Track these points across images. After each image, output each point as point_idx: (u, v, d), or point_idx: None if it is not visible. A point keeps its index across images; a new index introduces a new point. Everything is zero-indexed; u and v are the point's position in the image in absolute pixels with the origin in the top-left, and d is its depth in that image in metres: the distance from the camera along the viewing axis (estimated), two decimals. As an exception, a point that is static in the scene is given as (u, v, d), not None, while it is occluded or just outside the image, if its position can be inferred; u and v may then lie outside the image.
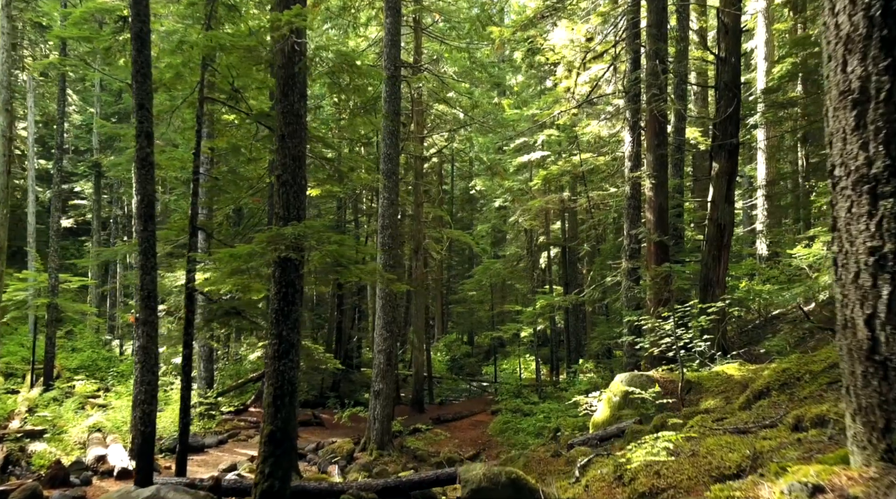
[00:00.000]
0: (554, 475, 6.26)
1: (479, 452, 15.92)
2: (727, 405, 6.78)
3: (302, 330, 24.31)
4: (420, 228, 21.20)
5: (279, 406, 6.66)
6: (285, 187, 6.89)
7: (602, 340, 18.49)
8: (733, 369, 8.39)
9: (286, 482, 6.51)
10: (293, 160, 6.95)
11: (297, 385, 6.84)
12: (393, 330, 14.26)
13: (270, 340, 6.84)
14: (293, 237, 6.44)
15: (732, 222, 12.37)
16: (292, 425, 6.76)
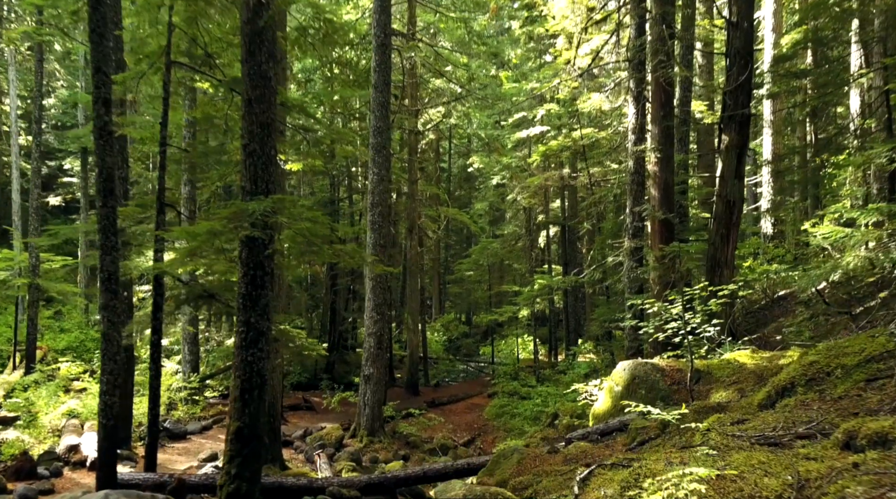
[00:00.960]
0: (549, 477, 5.64)
1: (473, 437, 15.40)
2: (741, 399, 6.14)
3: (296, 311, 23.58)
4: (414, 206, 20.48)
5: (247, 401, 6.02)
6: (252, 158, 6.17)
7: (602, 323, 17.88)
8: (745, 357, 7.75)
9: (254, 484, 5.90)
10: (261, 128, 6.22)
11: (267, 377, 6.20)
12: (384, 312, 13.63)
13: (238, 328, 6.18)
14: (259, 214, 5.75)
15: (742, 199, 11.67)
16: (262, 422, 6.13)
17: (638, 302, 8.31)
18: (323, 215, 6.23)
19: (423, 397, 19.76)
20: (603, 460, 5.91)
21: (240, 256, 6.20)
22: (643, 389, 7.61)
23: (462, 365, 28.87)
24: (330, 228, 6.09)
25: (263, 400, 6.16)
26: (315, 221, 5.94)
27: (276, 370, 10.51)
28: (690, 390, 6.82)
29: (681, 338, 7.97)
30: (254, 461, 5.98)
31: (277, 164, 6.30)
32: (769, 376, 6.77)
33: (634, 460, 3.89)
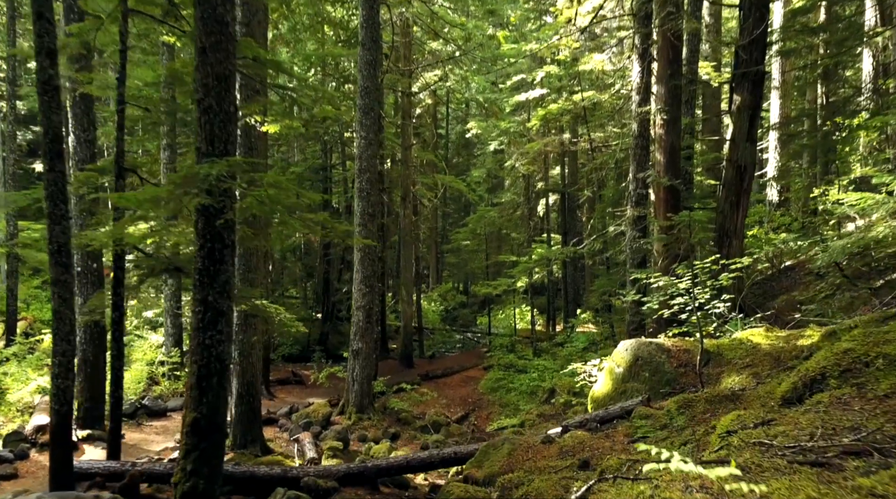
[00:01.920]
0: (543, 476, 5.02)
1: (467, 413, 14.88)
2: (759, 387, 5.49)
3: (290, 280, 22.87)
4: (409, 173, 19.67)
5: (205, 389, 5.37)
6: (207, 115, 5.41)
7: (602, 294, 17.25)
8: (759, 336, 7.10)
9: (214, 482, 5.28)
10: (217, 80, 5.44)
11: (228, 362, 5.53)
12: (373, 285, 12.97)
13: (194, 308, 5.50)
14: (214, 178, 5.01)
15: (754, 164, 10.90)
16: (223, 412, 5.49)
17: (642, 276, 7.63)
18: (289, 181, 5.49)
19: (418, 370, 19.24)
20: (603, 455, 5.29)
21: (195, 227, 5.48)
22: (647, 371, 6.98)
23: (459, 336, 28.38)
24: (297, 195, 5.36)
25: (224, 388, 5.51)
26: (279, 187, 5.22)
27: (254, 347, 9.89)
28: (700, 374, 6.18)
29: (688, 314, 7.32)
30: (213, 456, 5.35)
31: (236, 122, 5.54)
32: (787, 359, 6.12)
33: (642, 477, 3.23)
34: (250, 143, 9.79)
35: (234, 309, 5.69)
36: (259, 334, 9.42)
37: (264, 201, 5.14)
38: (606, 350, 14.61)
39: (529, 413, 12.80)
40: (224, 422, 5.54)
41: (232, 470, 6.94)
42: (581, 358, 14.64)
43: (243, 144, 9.77)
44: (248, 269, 9.77)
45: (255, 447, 9.83)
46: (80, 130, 10.25)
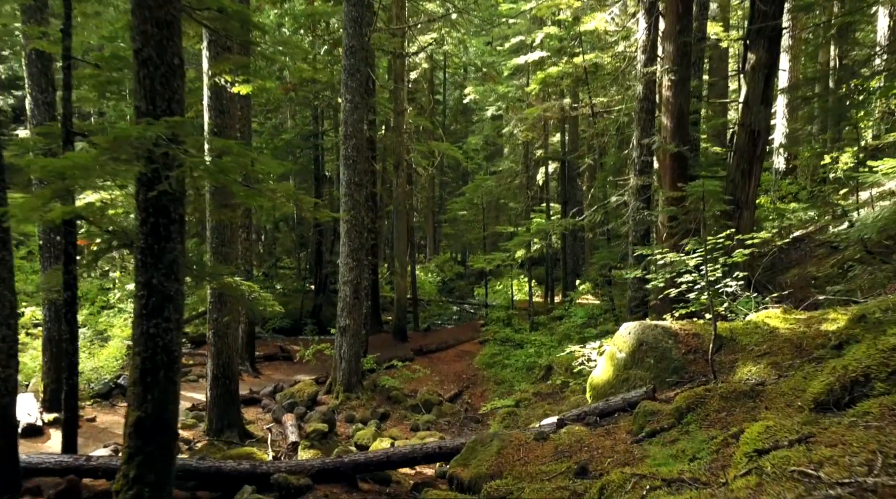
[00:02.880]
0: (535, 484, 4.39)
1: (461, 390, 14.32)
2: (781, 381, 4.83)
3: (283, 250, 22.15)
4: (401, 139, 18.81)
5: (150, 384, 4.71)
6: (146, 68, 4.63)
7: (602, 268, 16.56)
8: (776, 319, 6.42)
9: (162, 490, 4.65)
10: (158, 27, 4.65)
11: (178, 353, 4.86)
12: (360, 258, 12.27)
13: (137, 292, 4.80)
14: (151, 142, 4.27)
15: (768, 128, 10.13)
16: (172, 410, 4.84)
17: (647, 252, 6.93)
18: (242, 146, 4.74)
19: (412, 344, 18.67)
20: (603, 457, 4.66)
21: (136, 199, 4.75)
22: (652, 358, 6.32)
23: (455, 307, 27.82)
24: (251, 162, 4.62)
25: (174, 382, 4.84)
26: (230, 153, 4.47)
27: (230, 326, 9.24)
28: (712, 363, 5.51)
29: (696, 294, 6.64)
30: (160, 461, 4.72)
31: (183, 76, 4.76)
32: (811, 347, 5.45)
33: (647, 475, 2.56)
34: (221, 105, 8.99)
35: (183, 293, 4.99)
36: (235, 313, 8.75)
37: (211, 170, 4.39)
38: (606, 325, 14.00)
39: (525, 392, 12.23)
40: (174, 420, 4.90)
41: (196, 465, 6.35)
42: (579, 334, 14.04)
43: (214, 106, 8.98)
44: (222, 242, 9.06)
45: (232, 432, 9.25)
46: (37, 92, 9.44)
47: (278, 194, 5.06)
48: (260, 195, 4.93)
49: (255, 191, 4.87)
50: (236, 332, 9.44)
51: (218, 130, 9.01)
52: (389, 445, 8.45)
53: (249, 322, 14.34)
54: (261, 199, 5.08)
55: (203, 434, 9.30)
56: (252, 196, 4.92)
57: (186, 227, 5.23)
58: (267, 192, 4.99)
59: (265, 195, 5.00)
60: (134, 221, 6.17)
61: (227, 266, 8.13)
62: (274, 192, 5.03)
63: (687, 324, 6.63)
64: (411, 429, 11.45)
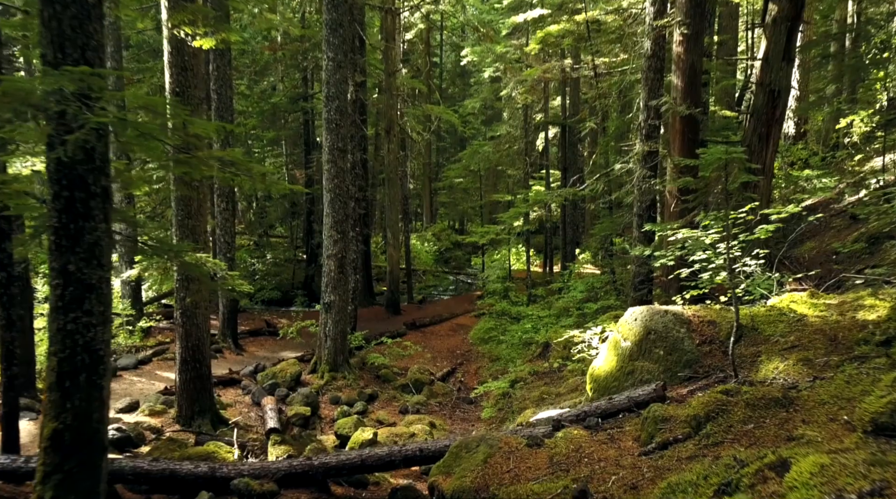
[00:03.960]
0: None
1: (454, 368, 13.67)
2: (818, 385, 4.08)
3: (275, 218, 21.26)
4: (393, 102, 17.82)
5: (69, 390, 3.96)
6: (53, 6, 3.76)
7: (603, 240, 15.77)
8: (803, 304, 5.66)
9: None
10: (65, -44, 3.77)
11: (104, 352, 4.10)
12: (345, 230, 11.47)
13: (51, 281, 4.02)
14: (58, 97, 3.43)
15: (789, 88, 9.22)
16: (98, 418, 4.10)
17: (656, 228, 6.13)
18: (177, 105, 3.90)
19: (405, 317, 18.00)
20: (606, 475, 3.94)
21: (46, 169, 3.93)
22: (661, 348, 5.57)
23: (451, 277, 27.11)
24: (183, 122, 3.78)
25: (99, 387, 4.09)
26: (155, 112, 3.63)
27: (199, 307, 8.49)
28: (733, 359, 4.76)
29: (711, 273, 5.85)
30: (84, 479, 4.00)
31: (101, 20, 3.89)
32: (849, 340, 4.70)
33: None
34: (183, 62, 8.08)
35: (110, 279, 4.20)
36: (200, 293, 7.99)
37: (126, 132, 3.56)
38: (607, 300, 13.28)
39: (521, 370, 11.58)
40: (101, 432, 4.16)
41: (148, 467, 5.65)
42: (579, 309, 13.32)
43: (175, 63, 8.09)
44: (188, 214, 8.25)
45: (203, 419, 8.58)
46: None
47: (213, 162, 4.22)
48: (190, 164, 4.10)
49: (198, 159, 4.04)
50: (206, 312, 8.69)
51: (180, 90, 8.13)
52: (371, 436, 7.78)
53: (232, 299, 13.61)
54: (200, 168, 4.25)
55: (173, 421, 8.63)
56: (183, 165, 4.09)
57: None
58: (202, 160, 4.17)
59: (195, 164, 4.16)
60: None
61: (189, 243, 7.33)
62: (206, 160, 4.18)
63: (701, 310, 5.87)
64: (400, 411, 10.82)
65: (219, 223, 13.19)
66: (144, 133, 3.50)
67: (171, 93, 8.13)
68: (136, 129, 3.51)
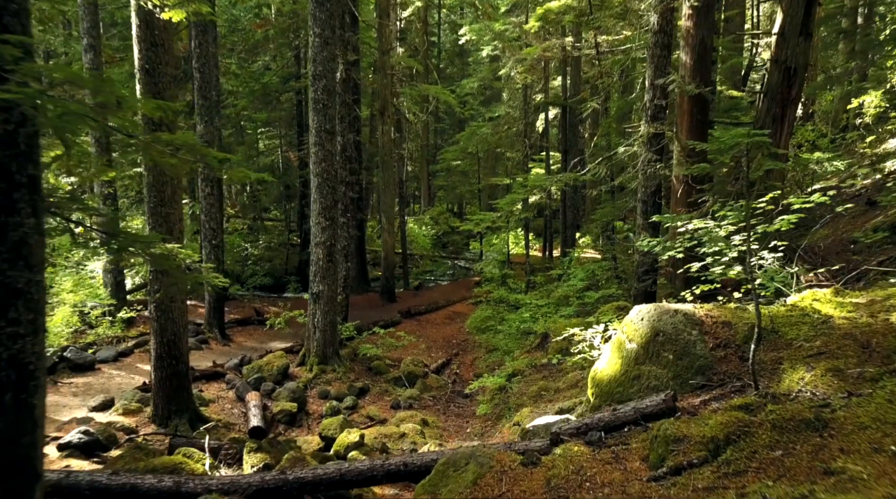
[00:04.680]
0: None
1: (450, 359, 13.19)
2: (854, 404, 3.56)
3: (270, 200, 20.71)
4: (387, 82, 17.16)
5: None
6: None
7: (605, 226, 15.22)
8: (827, 303, 5.13)
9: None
10: None
11: (35, 366, 3.57)
12: (334, 216, 10.91)
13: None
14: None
15: (806, 65, 8.60)
16: (29, 442, 3.58)
17: (665, 220, 5.58)
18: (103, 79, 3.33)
19: (400, 304, 17.51)
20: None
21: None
22: (670, 352, 5.05)
23: (449, 262, 26.59)
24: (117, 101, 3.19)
25: (29, 406, 3.56)
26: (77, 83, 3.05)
27: (175, 300, 7.96)
28: (753, 369, 4.24)
29: (724, 267, 5.31)
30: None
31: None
32: (885, 347, 4.17)
33: None
34: (153, 37, 7.47)
35: (43, 282, 3.66)
36: (178, 285, 7.46)
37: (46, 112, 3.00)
38: (609, 289, 12.74)
39: (519, 364, 11.10)
40: (32, 457, 3.64)
41: (107, 481, 5.17)
42: (579, 298, 12.81)
43: (144, 38, 7.48)
44: (161, 201, 7.70)
45: (181, 419, 8.11)
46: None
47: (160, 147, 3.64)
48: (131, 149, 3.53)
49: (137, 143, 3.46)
50: (183, 305, 8.17)
51: (150, 67, 7.53)
52: (357, 439, 7.29)
53: (218, 285, 13.07)
54: (150, 153, 3.68)
55: (148, 421, 8.16)
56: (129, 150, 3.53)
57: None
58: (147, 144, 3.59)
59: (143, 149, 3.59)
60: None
61: (157, 233, 6.79)
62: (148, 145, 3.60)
63: (714, 309, 5.34)
64: (391, 406, 10.35)
65: (203, 209, 12.64)
66: (69, 113, 2.93)
67: (141, 70, 7.54)
68: (57, 107, 2.94)
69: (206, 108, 12.48)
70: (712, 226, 5.22)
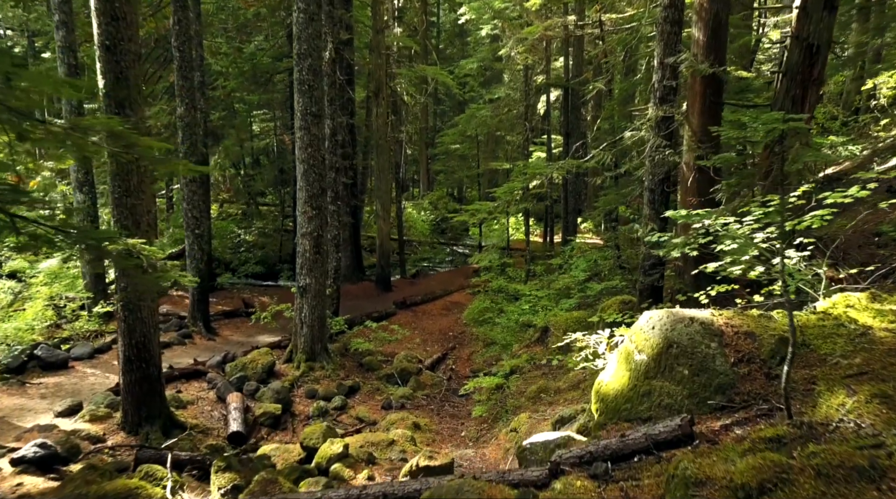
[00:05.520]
0: None
1: (445, 353, 12.64)
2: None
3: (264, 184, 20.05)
4: (381, 62, 16.41)
5: None
6: None
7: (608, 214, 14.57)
8: (864, 311, 4.51)
9: None
10: None
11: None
12: (321, 205, 10.27)
13: None
14: None
15: (830, 43, 7.91)
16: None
17: (678, 217, 4.94)
18: None
19: (395, 294, 16.93)
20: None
21: None
22: (685, 367, 4.45)
23: (448, 248, 25.98)
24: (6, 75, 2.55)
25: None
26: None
27: (144, 298, 7.36)
28: (786, 393, 3.63)
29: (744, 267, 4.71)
30: None
31: None
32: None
33: None
34: (113, 9, 6.79)
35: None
36: (142, 286, 6.85)
37: None
38: (612, 281, 12.12)
39: (517, 360, 10.53)
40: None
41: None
42: (581, 291, 12.20)
43: (103, 10, 6.79)
44: (126, 192, 7.05)
45: (153, 426, 7.55)
46: None
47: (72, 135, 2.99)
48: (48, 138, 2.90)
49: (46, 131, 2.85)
50: (154, 303, 7.57)
51: (111, 42, 6.85)
52: (341, 450, 6.72)
53: (202, 276, 12.48)
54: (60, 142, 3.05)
55: (117, 428, 7.59)
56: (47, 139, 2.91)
57: None
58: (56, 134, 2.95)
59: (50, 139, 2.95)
60: None
61: (112, 229, 6.16)
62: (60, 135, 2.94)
63: (735, 316, 4.72)
64: (382, 406, 9.80)
65: (185, 196, 12.00)
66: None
67: (101, 46, 6.87)
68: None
69: (187, 89, 11.78)
70: (730, 222, 4.60)
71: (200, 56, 14.39)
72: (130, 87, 7.04)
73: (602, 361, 5.72)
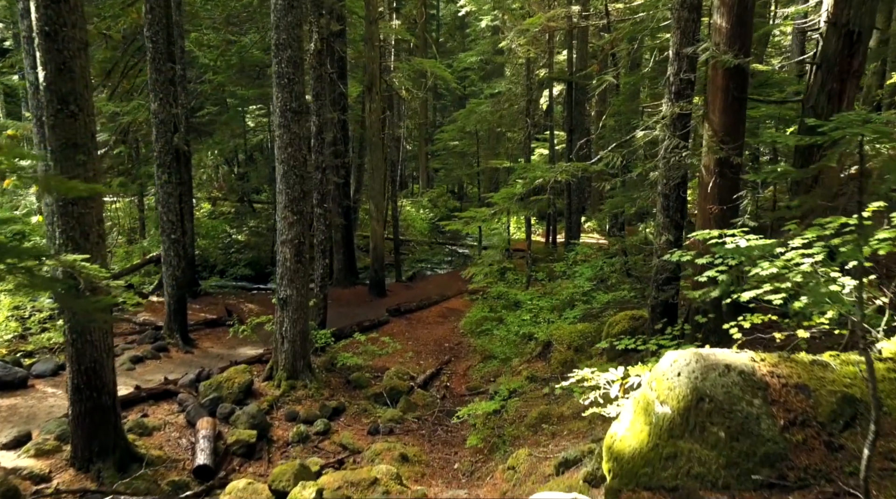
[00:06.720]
0: None
1: (440, 367, 11.77)
2: None
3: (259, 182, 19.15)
4: (374, 55, 15.52)
5: None
6: None
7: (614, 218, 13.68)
8: (943, 359, 3.64)
9: None
10: None
11: None
12: (303, 210, 9.41)
13: None
14: None
15: (871, 30, 7.02)
16: None
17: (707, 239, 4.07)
18: None
19: (389, 300, 16.08)
20: None
21: None
22: (721, 427, 3.58)
23: (447, 248, 25.11)
24: None
25: None
26: None
27: (95, 319, 6.50)
28: (866, 484, 2.77)
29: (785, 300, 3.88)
30: None
31: None
32: None
33: None
34: None
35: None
36: (86, 306, 5.99)
37: None
38: (620, 291, 11.26)
39: (516, 380, 9.68)
40: None
41: None
42: (586, 303, 11.33)
43: None
44: (73, 200, 6.21)
45: (105, 462, 6.72)
46: None
47: None
48: None
49: None
50: (107, 324, 6.73)
51: (51, 28, 6.00)
52: (314, 495, 5.88)
53: (180, 284, 11.64)
54: None
55: (66, 464, 6.77)
56: None
57: None
58: None
59: None
60: None
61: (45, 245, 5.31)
62: None
63: (781, 363, 3.85)
64: (369, 432, 8.96)
65: (160, 199, 11.15)
66: None
67: (40, 33, 6.02)
68: None
69: (161, 83, 10.91)
70: (780, 249, 3.76)
71: (182, 48, 13.53)
72: (76, 80, 6.19)
73: (615, 409, 4.84)
